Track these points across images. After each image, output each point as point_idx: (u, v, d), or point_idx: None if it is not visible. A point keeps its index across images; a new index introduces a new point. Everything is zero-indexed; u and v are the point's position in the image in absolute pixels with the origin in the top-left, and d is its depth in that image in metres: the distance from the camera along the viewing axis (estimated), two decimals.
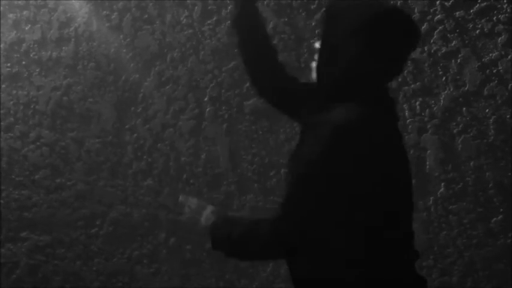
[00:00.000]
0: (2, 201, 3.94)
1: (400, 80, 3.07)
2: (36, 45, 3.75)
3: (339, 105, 1.68)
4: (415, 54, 3.01)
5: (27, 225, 3.89)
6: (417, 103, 3.08)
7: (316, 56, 1.83)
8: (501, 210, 2.99)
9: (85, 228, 3.78)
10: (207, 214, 1.86)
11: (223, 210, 2.18)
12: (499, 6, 2.93)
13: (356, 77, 1.72)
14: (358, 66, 1.71)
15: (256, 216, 2.65)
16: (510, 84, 2.93)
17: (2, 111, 3.86)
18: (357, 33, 1.69)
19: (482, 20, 2.96)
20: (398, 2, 3.04)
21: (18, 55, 3.79)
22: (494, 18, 2.93)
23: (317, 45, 1.82)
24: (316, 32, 3.18)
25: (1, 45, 3.79)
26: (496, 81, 2.95)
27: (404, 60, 1.82)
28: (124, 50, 3.58)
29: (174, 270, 3.62)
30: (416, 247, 1.85)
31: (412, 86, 3.09)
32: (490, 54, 2.96)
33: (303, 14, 3.22)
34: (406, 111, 3.09)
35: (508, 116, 2.94)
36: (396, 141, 1.78)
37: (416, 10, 3.03)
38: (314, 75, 1.82)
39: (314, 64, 1.82)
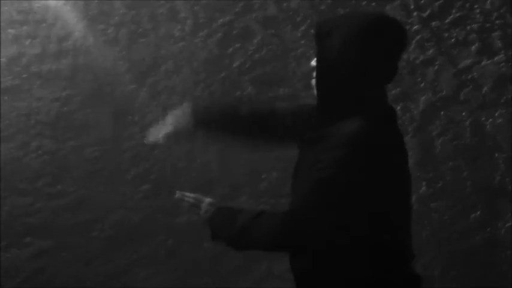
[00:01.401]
0: (6, 207, 3.89)
1: None
2: (36, 59, 3.76)
3: (346, 117, 1.70)
4: None
5: (29, 230, 3.85)
6: (398, 108, 3.14)
7: (314, 74, 1.83)
8: (479, 206, 3.09)
9: (86, 232, 3.76)
10: (206, 206, 1.86)
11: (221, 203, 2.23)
12: (472, 16, 3.06)
13: (357, 88, 1.73)
14: (358, 77, 1.71)
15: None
16: (484, 89, 3.05)
17: (4, 122, 3.84)
18: (352, 46, 1.69)
19: (457, 30, 3.07)
20: None
21: (19, 68, 3.78)
22: (468, 27, 3.05)
23: (313, 63, 1.82)
24: (302, 42, 3.29)
25: (2, 59, 3.79)
26: (470, 87, 3.05)
27: (398, 62, 1.83)
28: (120, 62, 3.60)
29: (172, 271, 3.62)
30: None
31: (393, 91, 3.13)
32: (465, 61, 3.07)
33: (289, 26, 3.30)
34: None
35: (482, 119, 3.06)
36: (401, 147, 1.81)
37: None
38: (314, 91, 1.81)
39: (313, 81, 1.82)
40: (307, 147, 1.82)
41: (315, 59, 1.80)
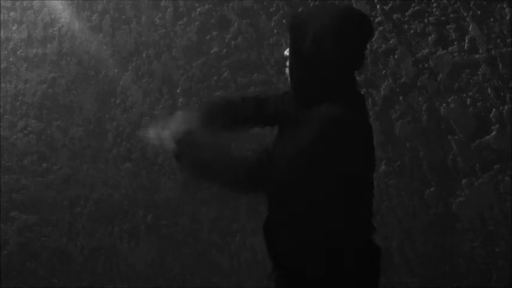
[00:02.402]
0: None
1: None
2: (23, 44, 3.74)
3: (320, 102, 1.76)
4: None
5: (16, 206, 3.88)
6: (361, 93, 2.90)
7: (287, 63, 1.86)
8: (433, 183, 3.09)
9: (70, 208, 3.78)
10: (166, 136, 1.89)
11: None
12: (429, 10, 3.01)
13: (329, 75, 1.79)
14: (330, 65, 1.77)
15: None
16: (439, 77, 3.02)
17: None
18: (324, 36, 1.74)
19: (416, 22, 3.02)
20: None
21: (6, 52, 3.77)
22: (426, 20, 3.01)
23: (286, 52, 1.86)
24: (275, 31, 3.25)
25: None
26: (427, 74, 3.03)
27: (365, 50, 1.90)
28: (104, 48, 3.58)
29: (152, 244, 3.66)
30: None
31: (357, 78, 2.84)
32: (422, 51, 3.03)
33: (264, 15, 3.27)
34: None
35: (437, 104, 3.04)
36: (369, 128, 1.88)
37: None
38: (289, 79, 1.87)
39: (287, 70, 1.87)
40: (285, 129, 1.89)
41: (288, 49, 1.86)
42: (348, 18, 1.80)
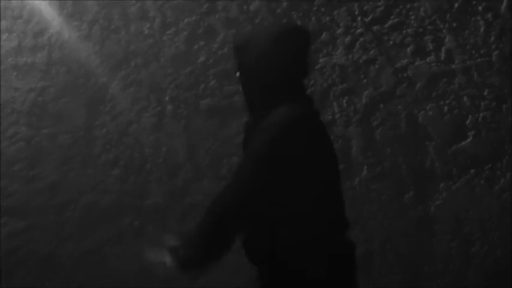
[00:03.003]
0: None
1: (329, 82, 3.23)
2: (13, 52, 3.70)
3: (271, 109, 1.82)
4: (341, 61, 3.19)
5: (5, 212, 3.79)
6: (344, 101, 3.22)
7: (239, 83, 1.96)
8: (412, 187, 3.17)
9: (59, 214, 3.73)
10: (167, 257, 1.87)
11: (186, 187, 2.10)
12: (408, 22, 3.13)
13: (275, 86, 1.89)
14: (276, 77, 1.88)
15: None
16: (417, 86, 3.12)
17: None
18: (265, 54, 1.86)
19: (395, 33, 3.13)
20: (327, 18, 3.21)
21: None
22: (404, 31, 3.12)
23: (238, 74, 1.95)
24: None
25: None
26: (406, 83, 3.13)
27: (307, 59, 1.96)
28: (93, 57, 3.58)
29: (139, 249, 3.27)
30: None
31: (340, 86, 3.22)
32: (401, 61, 3.14)
33: (249, 26, 3.33)
34: (335, 108, 3.23)
35: (416, 111, 3.14)
36: (322, 129, 1.92)
37: (341, 25, 3.18)
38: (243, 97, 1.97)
39: (240, 89, 1.97)
40: (247, 138, 1.94)
41: (238, 71, 1.95)
42: (283, 35, 1.90)
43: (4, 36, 3.73)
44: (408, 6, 3.11)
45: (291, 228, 1.84)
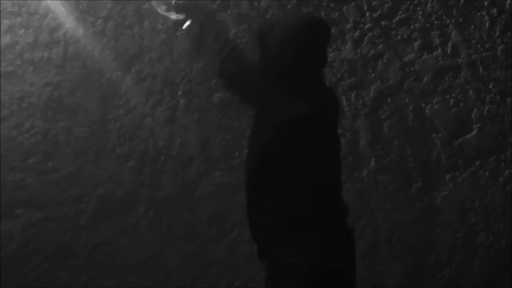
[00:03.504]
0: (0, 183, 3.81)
1: (338, 76, 3.25)
2: (29, 48, 3.70)
3: (286, 99, 1.89)
4: (350, 55, 3.21)
5: (22, 203, 3.81)
6: (352, 95, 3.25)
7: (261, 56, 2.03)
8: (419, 179, 3.20)
9: (74, 205, 3.74)
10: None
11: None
12: (415, 17, 3.14)
13: (293, 77, 1.94)
14: (293, 69, 1.94)
15: None
16: (424, 79, 3.15)
17: None
18: (285, 44, 1.91)
19: (402, 28, 3.15)
20: (337, 13, 3.23)
21: (13, 56, 3.72)
22: (412, 27, 3.14)
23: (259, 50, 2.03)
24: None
25: None
26: (413, 77, 3.16)
27: (326, 53, 2.03)
28: (107, 52, 3.59)
29: (153, 239, 3.66)
30: (351, 209, 2.06)
31: (348, 81, 3.25)
32: (409, 56, 3.16)
33: (259, 21, 3.33)
34: (344, 101, 3.26)
35: (423, 105, 3.17)
36: (332, 123, 1.99)
37: (350, 20, 3.20)
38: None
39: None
40: (259, 123, 2.02)
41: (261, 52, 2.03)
42: (304, 26, 1.95)
43: (20, 32, 3.75)
44: (415, 2, 3.12)
45: (292, 213, 1.91)
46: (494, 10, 3.05)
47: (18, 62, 3.76)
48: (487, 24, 3.07)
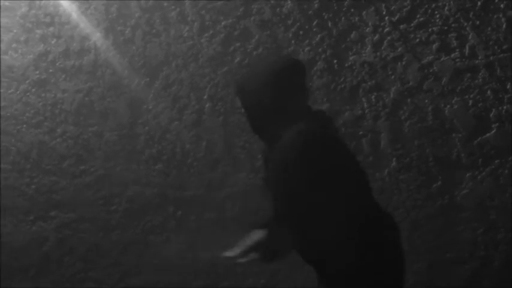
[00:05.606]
0: (34, 186, 3.93)
1: (359, 79, 3.25)
2: (61, 56, 3.78)
3: (281, 133, 1.94)
4: (370, 58, 3.20)
5: (55, 205, 3.92)
6: (373, 96, 3.26)
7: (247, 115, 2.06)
8: (439, 178, 3.17)
9: (105, 206, 3.83)
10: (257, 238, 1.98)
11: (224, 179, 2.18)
12: (433, 20, 3.11)
13: (280, 114, 1.98)
14: (278, 108, 1.98)
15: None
16: (443, 80, 3.11)
17: (33, 111, 3.87)
18: (264, 89, 1.97)
19: (421, 31, 3.12)
20: (357, 18, 3.21)
21: (45, 64, 3.81)
22: (430, 29, 3.10)
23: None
24: (293, 42, 3.28)
25: (31, 56, 3.82)
26: (432, 78, 3.12)
27: (305, 84, 2.04)
28: (136, 59, 3.66)
29: (181, 238, 3.71)
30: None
31: (369, 83, 3.25)
32: (427, 58, 3.12)
33: (282, 27, 3.36)
34: (365, 103, 3.26)
35: (442, 105, 3.13)
36: (336, 143, 1.98)
37: (369, 24, 3.20)
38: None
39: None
40: (267, 160, 2.09)
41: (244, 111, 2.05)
42: (280, 68, 2.00)
43: (53, 42, 3.83)
44: (433, 5, 3.10)
45: (329, 232, 1.91)
46: (511, 12, 3.03)
47: (51, 70, 3.87)
48: (504, 26, 3.03)
